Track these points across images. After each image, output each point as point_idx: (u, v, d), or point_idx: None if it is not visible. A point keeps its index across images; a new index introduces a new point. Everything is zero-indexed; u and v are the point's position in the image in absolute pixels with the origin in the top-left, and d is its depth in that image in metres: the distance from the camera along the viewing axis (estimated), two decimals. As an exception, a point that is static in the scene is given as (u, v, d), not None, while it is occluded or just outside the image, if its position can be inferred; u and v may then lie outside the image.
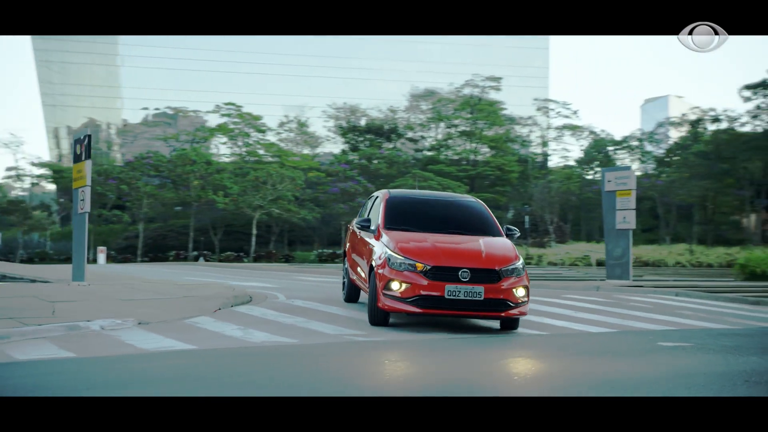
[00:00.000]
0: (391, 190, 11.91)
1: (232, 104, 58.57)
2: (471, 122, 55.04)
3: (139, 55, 79.40)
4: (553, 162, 63.51)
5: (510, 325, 10.20)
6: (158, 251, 51.30)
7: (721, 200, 50.04)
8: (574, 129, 61.43)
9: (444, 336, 9.68)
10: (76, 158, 14.60)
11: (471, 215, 11.26)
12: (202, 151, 51.17)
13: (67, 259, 49.48)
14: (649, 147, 60.89)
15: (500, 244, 10.36)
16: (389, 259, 9.81)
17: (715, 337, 10.12)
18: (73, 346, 8.25)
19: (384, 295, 9.73)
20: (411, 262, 9.66)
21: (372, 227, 10.99)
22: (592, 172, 66.57)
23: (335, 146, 64.74)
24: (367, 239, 11.02)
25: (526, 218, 48.99)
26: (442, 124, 57.96)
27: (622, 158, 61.66)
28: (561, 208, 53.85)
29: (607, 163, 71.77)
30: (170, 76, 79.38)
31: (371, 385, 6.50)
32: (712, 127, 51.67)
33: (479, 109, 54.64)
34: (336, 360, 7.80)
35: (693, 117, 54.30)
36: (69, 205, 62.60)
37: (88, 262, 48.48)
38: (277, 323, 10.31)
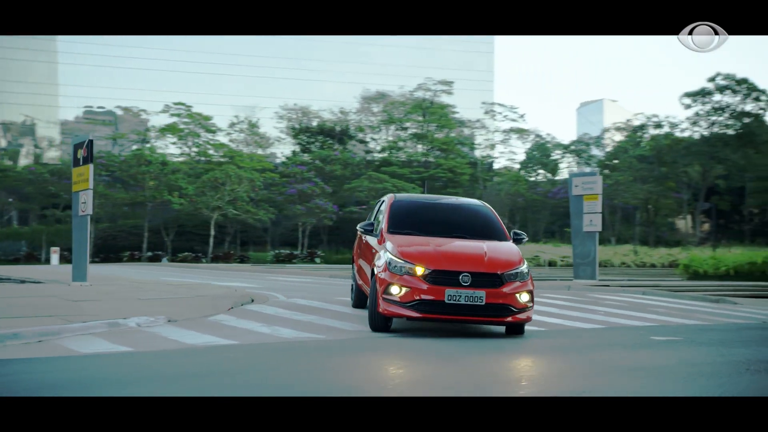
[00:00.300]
0: (396, 194, 11.75)
1: (182, 104, 58.40)
2: (422, 125, 56.10)
3: (84, 52, 78.39)
4: (501, 164, 65.02)
5: (516, 330, 10.02)
6: (109, 251, 50.97)
7: (662, 203, 52.09)
8: (520, 132, 63.00)
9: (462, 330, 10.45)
10: (76, 162, 14.98)
11: (476, 219, 11.05)
12: (158, 152, 51.03)
13: (16, 260, 48.87)
14: (595, 151, 62.84)
15: (504, 248, 10.14)
16: (389, 263, 9.63)
17: (699, 332, 11.16)
18: (124, 341, 8.79)
19: (384, 299, 9.57)
20: (411, 265, 9.47)
21: (375, 231, 10.89)
22: (535, 174, 68.40)
23: (286, 147, 65.11)
24: (371, 244, 10.93)
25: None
26: (392, 127, 58.88)
27: (569, 162, 63.52)
28: (510, 209, 55.34)
29: (551, 166, 73.78)
30: (117, 75, 78.63)
31: (418, 366, 7.27)
32: (654, 132, 53.71)
33: (431, 112, 55.76)
34: (373, 352, 8.51)
35: (637, 122, 56.30)
36: (17, 205, 61.64)
37: (41, 262, 47.93)
38: (295, 321, 10.95)
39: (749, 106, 46.99)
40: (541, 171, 71.66)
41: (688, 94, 46.94)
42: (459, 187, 52.79)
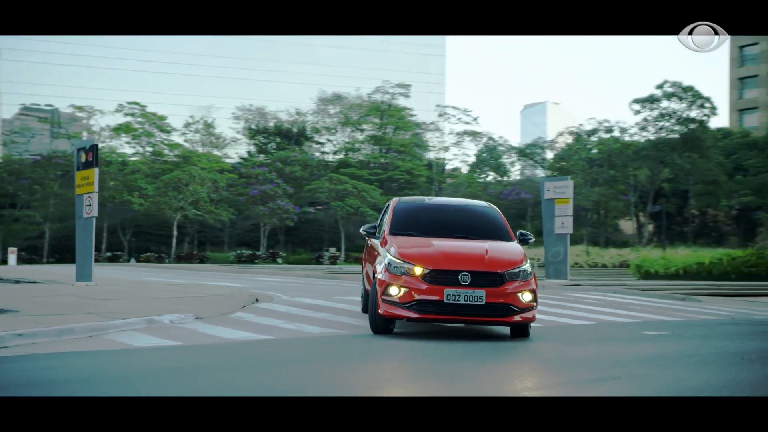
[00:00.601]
0: (401, 198, 11.70)
1: (136, 103, 58.24)
2: (380, 128, 57.00)
3: (29, 49, 77.26)
4: (453, 166, 66.28)
5: (521, 332, 9.90)
6: (64, 252, 50.62)
7: (611, 205, 53.91)
8: (473, 135, 64.37)
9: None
10: (80, 166, 15.43)
11: (481, 220, 10.91)
12: (118, 151, 50.91)
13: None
14: (549, 154, 64.54)
15: (507, 248, 10.03)
16: (389, 264, 9.56)
17: (682, 327, 12.21)
18: (169, 336, 9.41)
19: (383, 300, 9.50)
20: (410, 266, 9.39)
21: (378, 234, 10.87)
22: (485, 176, 69.91)
23: (241, 148, 65.31)
24: (375, 246, 10.85)
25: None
26: (348, 129, 59.64)
27: (521, 165, 65.08)
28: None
29: (501, 168, 75.37)
30: (68, 73, 77.69)
31: (455, 348, 8.08)
32: (605, 136, 55.57)
33: (389, 114, 56.70)
34: (411, 343, 9.26)
35: (589, 127, 58.16)
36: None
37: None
38: (311, 318, 11.66)
39: (694, 113, 49.13)
40: (491, 173, 73.36)
41: (637, 101, 48.83)
42: (416, 188, 53.79)
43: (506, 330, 10.58)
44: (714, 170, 49.58)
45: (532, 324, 10.08)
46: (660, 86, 48.67)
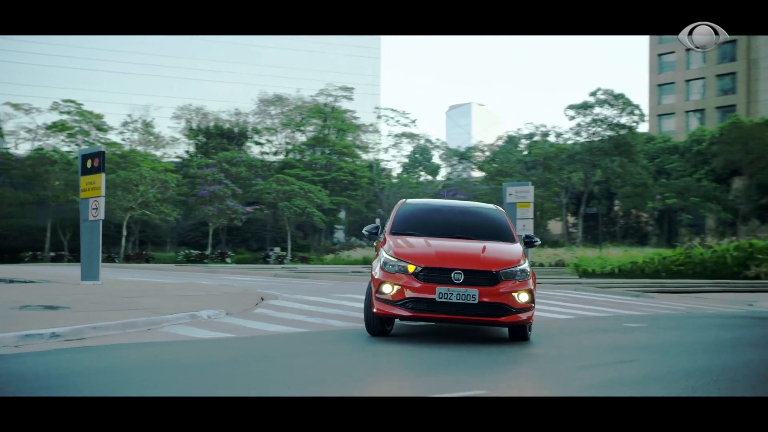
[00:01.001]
0: (407, 200, 11.74)
1: (72, 101, 57.70)
2: (322, 129, 58.05)
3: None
4: (392, 167, 67.69)
5: (519, 334, 9.83)
6: (2, 252, 50.03)
7: (546, 206, 56.19)
8: (411, 137, 65.93)
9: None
10: (86, 171, 16.16)
11: (484, 222, 10.89)
12: (62, 151, 50.51)
13: None
14: (482, 156, 66.55)
15: (506, 248, 9.96)
16: (384, 263, 9.58)
17: (654, 320, 13.76)
18: (218, 329, 10.40)
19: (377, 298, 9.52)
20: (403, 264, 9.38)
21: (380, 235, 10.90)
22: (417, 176, 71.66)
23: (179, 148, 65.27)
24: (377, 247, 10.88)
25: (377, 220, 52.65)
26: (289, 130, 60.47)
27: (453, 166, 66.91)
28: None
29: (431, 168, 77.30)
30: (2, 70, 76.16)
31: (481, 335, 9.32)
32: (539, 139, 57.94)
33: (333, 117, 57.81)
34: (436, 331, 10.46)
35: (526, 131, 60.43)
36: None
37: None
38: (326, 313, 12.73)
39: (624, 119, 51.83)
40: (422, 173, 75.24)
41: (571, 107, 51.25)
42: (359, 189, 55.01)
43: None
44: (642, 174, 52.37)
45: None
46: (593, 93, 51.20)
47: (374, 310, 9.58)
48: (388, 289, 9.39)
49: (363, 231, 11.35)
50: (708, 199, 54.83)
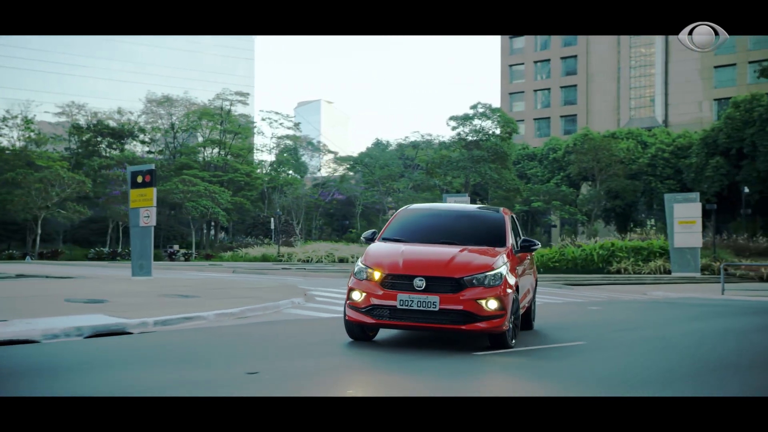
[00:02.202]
0: (410, 205, 11.84)
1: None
2: (217, 131, 60.54)
3: None
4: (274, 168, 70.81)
5: (498, 342, 9.46)
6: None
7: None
8: (295, 139, 69.38)
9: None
10: (135, 185, 19.10)
11: (479, 226, 10.72)
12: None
13: None
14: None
15: (483, 254, 9.64)
16: (357, 270, 9.60)
17: (605, 305, 18.32)
18: (317, 311, 13.81)
19: (348, 305, 9.55)
20: (371, 271, 9.37)
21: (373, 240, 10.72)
22: (285, 174, 75.35)
23: (61, 144, 65.32)
24: None
25: (272, 220, 55.82)
26: (182, 131, 62.46)
27: (329, 168, 70.91)
28: (293, 211, 61.67)
29: (301, 168, 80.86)
30: None
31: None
32: (413, 142, 63.19)
33: (230, 120, 60.37)
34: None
35: (413, 138, 65.44)
36: None
37: None
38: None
39: (499, 131, 57.89)
40: (290, 172, 78.97)
41: (452, 118, 56.69)
42: (254, 190, 57.96)
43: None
44: (515, 180, 58.59)
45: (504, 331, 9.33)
46: (474, 107, 56.82)
47: (346, 317, 9.63)
48: (356, 296, 9.39)
49: (362, 237, 10.91)
50: (566, 203, 61.87)
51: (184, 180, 49.81)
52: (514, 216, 11.67)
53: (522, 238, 10.91)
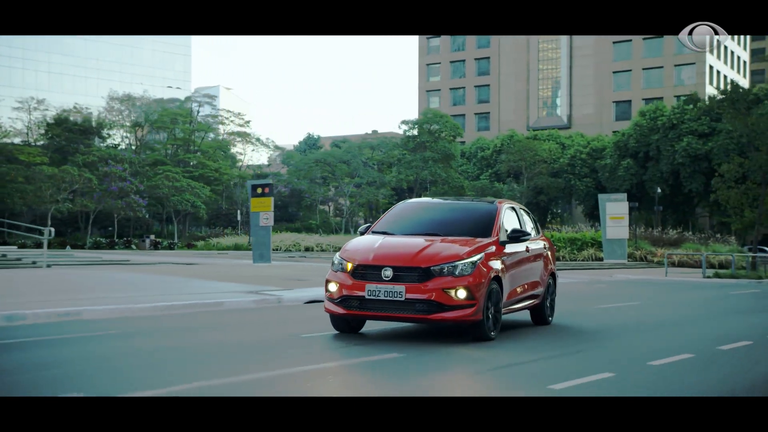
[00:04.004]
0: (409, 199, 12.09)
1: None
2: (189, 131, 65.25)
3: None
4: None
5: (475, 333, 9.39)
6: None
7: (382, 203, 68.07)
8: (244, 136, 74.57)
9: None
10: (256, 195, 25.00)
11: (467, 218, 10.61)
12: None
13: None
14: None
15: (458, 243, 9.57)
16: (333, 262, 9.70)
17: (613, 284, 25.42)
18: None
19: (326, 297, 9.62)
20: (345, 262, 9.44)
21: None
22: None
23: (17, 138, 67.18)
24: None
25: (238, 212, 61.11)
26: (148, 128, 66.68)
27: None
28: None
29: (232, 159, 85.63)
30: None
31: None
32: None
33: (198, 120, 65.15)
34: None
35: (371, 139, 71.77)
36: None
37: None
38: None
39: (444, 134, 65.17)
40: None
41: (404, 122, 63.58)
42: (221, 184, 63.04)
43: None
44: (459, 178, 65.99)
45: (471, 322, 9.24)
46: (424, 113, 63.95)
47: (324, 308, 9.72)
48: (332, 287, 9.44)
49: (358, 230, 10.94)
50: (498, 198, 69.82)
51: (168, 176, 54.43)
52: (520, 208, 11.57)
53: (515, 228, 10.48)
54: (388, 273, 9.07)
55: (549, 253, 12.11)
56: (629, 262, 43.16)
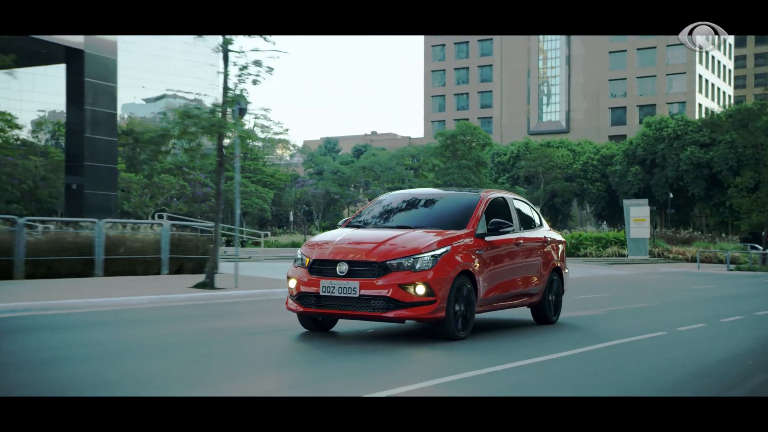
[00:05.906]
0: (395, 191, 11.55)
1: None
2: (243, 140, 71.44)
3: None
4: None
5: (441, 332, 8.81)
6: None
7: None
8: (284, 143, 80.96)
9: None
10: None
11: (448, 210, 9.96)
12: None
13: None
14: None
15: (425, 235, 8.95)
16: (295, 258, 9.27)
17: (669, 275, 32.48)
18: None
19: (289, 295, 9.20)
20: (304, 258, 9.03)
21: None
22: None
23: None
24: None
25: (290, 213, 67.59)
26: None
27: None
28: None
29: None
30: None
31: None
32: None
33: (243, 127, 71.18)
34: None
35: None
36: None
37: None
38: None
39: (475, 144, 72.25)
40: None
41: (440, 133, 70.56)
42: (275, 187, 69.44)
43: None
44: (491, 183, 72.90)
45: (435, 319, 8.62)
46: (459, 126, 71.05)
47: (286, 305, 9.28)
48: (291, 283, 9.03)
49: (338, 224, 10.47)
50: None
51: (162, 178, 57.74)
52: (514, 198, 10.87)
53: (495, 220, 9.66)
54: (343, 268, 8.62)
55: (551, 248, 11.22)
56: (650, 258, 50.25)
